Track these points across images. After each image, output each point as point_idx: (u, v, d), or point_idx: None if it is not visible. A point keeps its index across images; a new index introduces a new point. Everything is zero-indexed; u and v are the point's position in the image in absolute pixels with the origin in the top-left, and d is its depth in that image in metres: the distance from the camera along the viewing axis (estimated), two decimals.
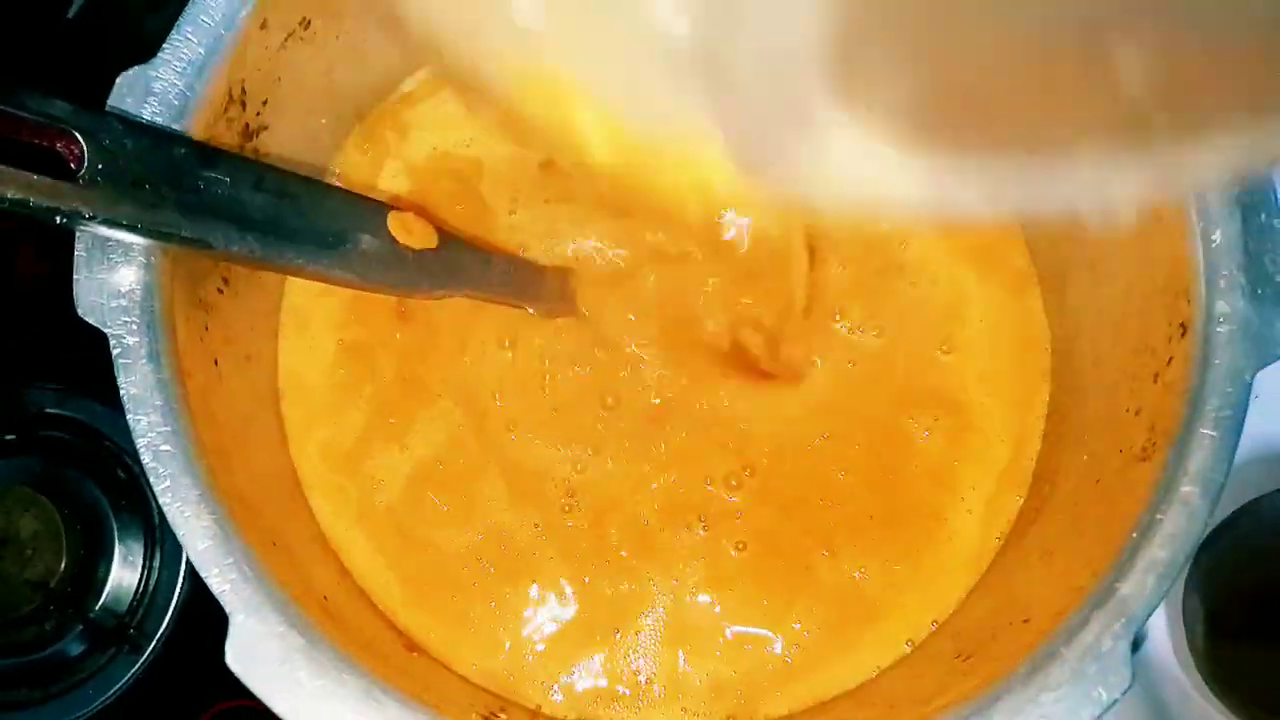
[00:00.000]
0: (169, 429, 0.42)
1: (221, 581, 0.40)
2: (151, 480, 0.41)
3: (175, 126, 0.45)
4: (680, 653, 0.54)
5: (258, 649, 0.40)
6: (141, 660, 0.66)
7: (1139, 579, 0.42)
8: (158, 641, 0.67)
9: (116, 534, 0.69)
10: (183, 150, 0.43)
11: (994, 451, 0.56)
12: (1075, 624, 0.42)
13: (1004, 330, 0.57)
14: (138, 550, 0.69)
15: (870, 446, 0.56)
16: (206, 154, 0.44)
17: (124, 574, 0.69)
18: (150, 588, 0.68)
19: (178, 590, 0.68)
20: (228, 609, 0.40)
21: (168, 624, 0.67)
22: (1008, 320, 0.58)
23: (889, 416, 0.56)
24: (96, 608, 0.67)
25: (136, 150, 0.41)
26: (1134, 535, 0.43)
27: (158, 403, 0.42)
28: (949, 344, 0.57)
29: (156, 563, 0.68)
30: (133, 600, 0.68)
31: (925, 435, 0.56)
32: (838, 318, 0.57)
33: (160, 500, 0.41)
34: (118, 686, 0.66)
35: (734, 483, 0.55)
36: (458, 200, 0.59)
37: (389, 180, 0.59)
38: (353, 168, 0.59)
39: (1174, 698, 0.64)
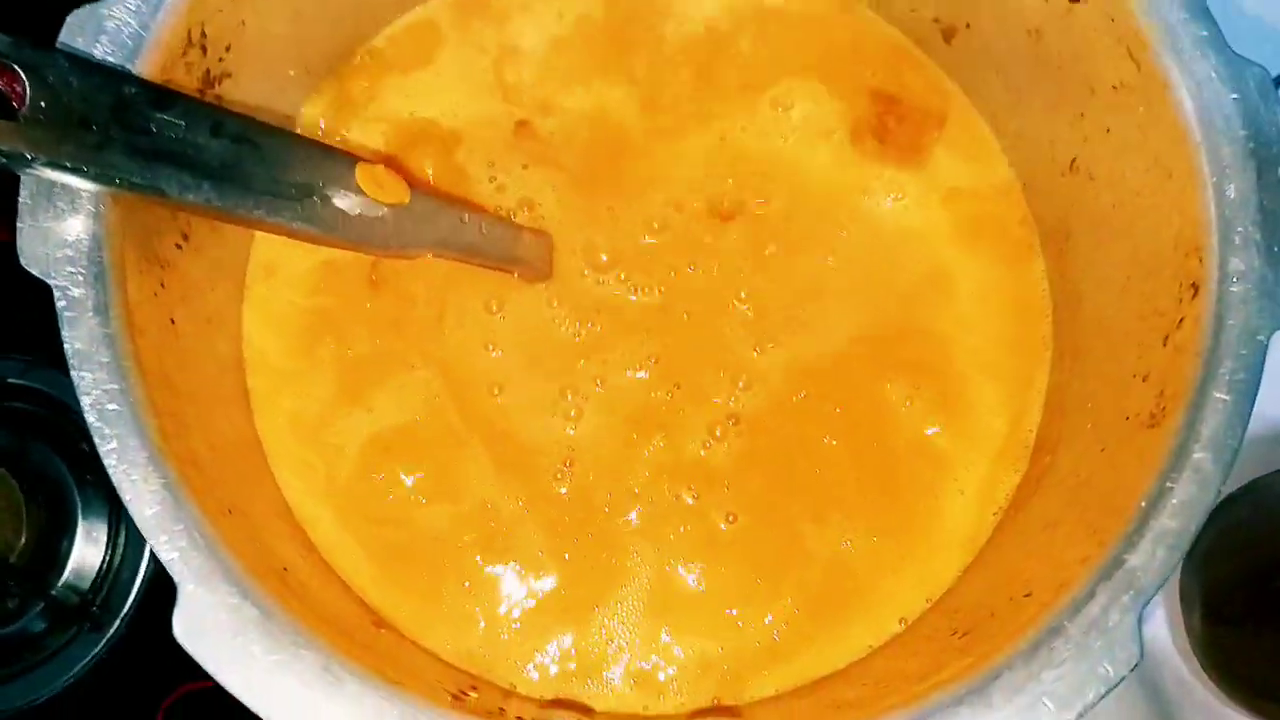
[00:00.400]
0: (116, 387, 0.39)
1: (170, 549, 0.38)
2: (96, 441, 0.39)
3: (128, 67, 0.42)
4: (663, 628, 0.51)
5: (208, 620, 0.38)
6: (105, 639, 0.64)
7: (1148, 550, 0.39)
8: (121, 620, 0.65)
9: (80, 509, 0.67)
10: (133, 90, 0.40)
11: (989, 426, 0.54)
12: (1080, 597, 0.39)
13: (997, 300, 0.56)
14: (101, 526, 0.67)
15: (850, 413, 0.54)
16: (159, 95, 0.41)
17: (87, 550, 0.66)
18: (114, 565, 0.66)
19: (142, 568, 0.66)
20: (176, 578, 0.38)
21: (132, 602, 0.65)
22: (1001, 290, 0.56)
23: (866, 382, 0.54)
24: (58, 585, 0.65)
25: (83, 89, 0.39)
26: (1143, 505, 0.40)
27: (104, 359, 0.40)
28: (931, 312, 0.55)
29: (121, 539, 0.66)
30: (96, 577, 0.66)
31: (907, 404, 0.54)
32: (818, 272, 0.55)
33: (106, 462, 0.39)
34: (80, 666, 0.64)
35: (717, 433, 0.53)
36: (432, 161, 0.56)
37: (360, 139, 0.57)
38: (320, 122, 0.56)
39: (1170, 682, 0.62)
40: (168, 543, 0.38)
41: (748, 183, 0.56)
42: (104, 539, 0.66)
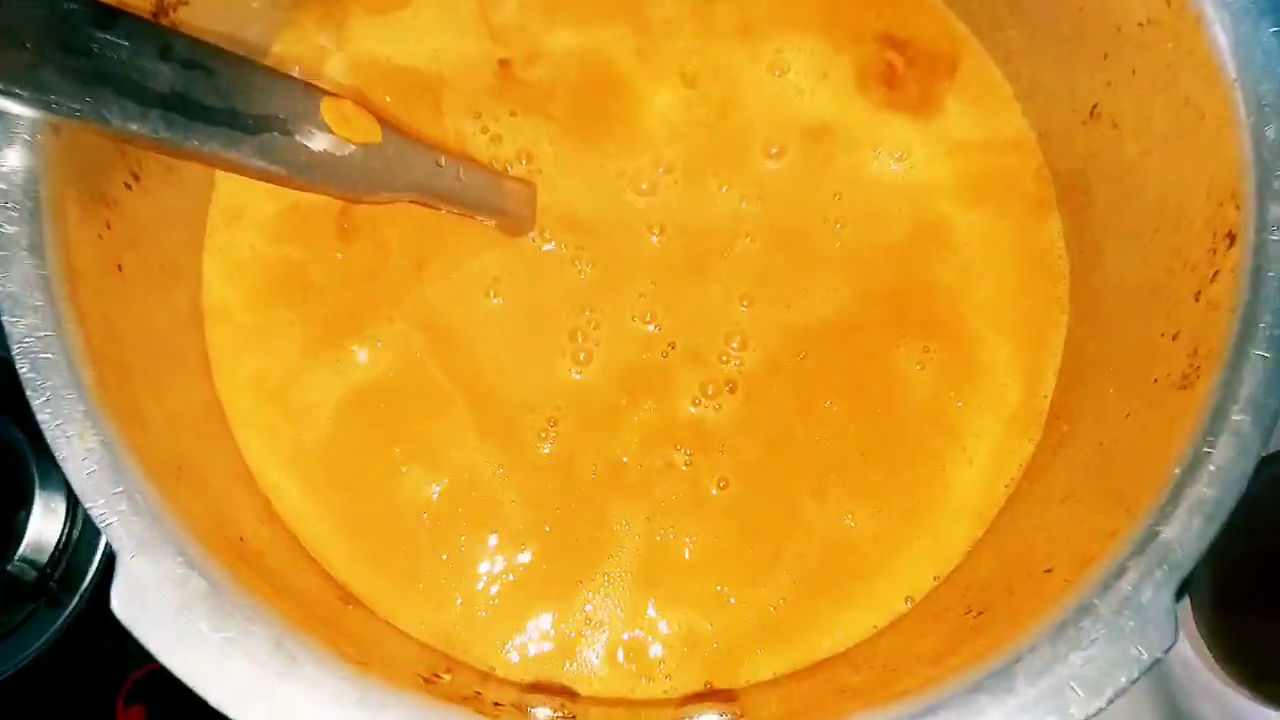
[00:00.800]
0: (50, 333, 0.36)
1: (108, 513, 0.34)
2: (28, 393, 0.35)
3: None
4: (650, 602, 0.48)
5: (150, 594, 0.34)
6: (64, 616, 0.62)
7: (1184, 520, 0.36)
8: (81, 596, 0.63)
9: (37, 480, 0.64)
10: (73, 6, 0.36)
11: (1001, 391, 0.51)
12: (1109, 573, 0.36)
13: (1010, 259, 0.52)
14: (60, 499, 0.64)
15: (855, 376, 0.51)
16: (101, 11, 0.37)
17: (45, 524, 0.64)
18: (73, 539, 0.64)
19: (103, 541, 0.63)
20: (115, 545, 0.34)
21: (92, 578, 0.63)
22: (1014, 248, 0.52)
23: (873, 344, 0.51)
24: (14, 559, 0.63)
25: (16, 3, 0.35)
26: (1176, 472, 0.37)
27: (37, 302, 0.36)
28: (941, 272, 0.52)
29: (80, 512, 0.63)
30: (54, 551, 0.63)
31: (917, 368, 0.51)
32: (814, 231, 0.52)
33: (38, 416, 0.35)
34: (38, 644, 0.61)
35: (710, 391, 0.50)
36: (409, 102, 0.53)
37: (332, 80, 0.53)
38: (289, 64, 0.52)
39: (1177, 666, 0.60)
40: (105, 506, 0.34)
41: (752, 136, 0.53)
42: (63, 511, 0.64)
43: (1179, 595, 0.35)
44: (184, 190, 0.48)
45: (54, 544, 0.63)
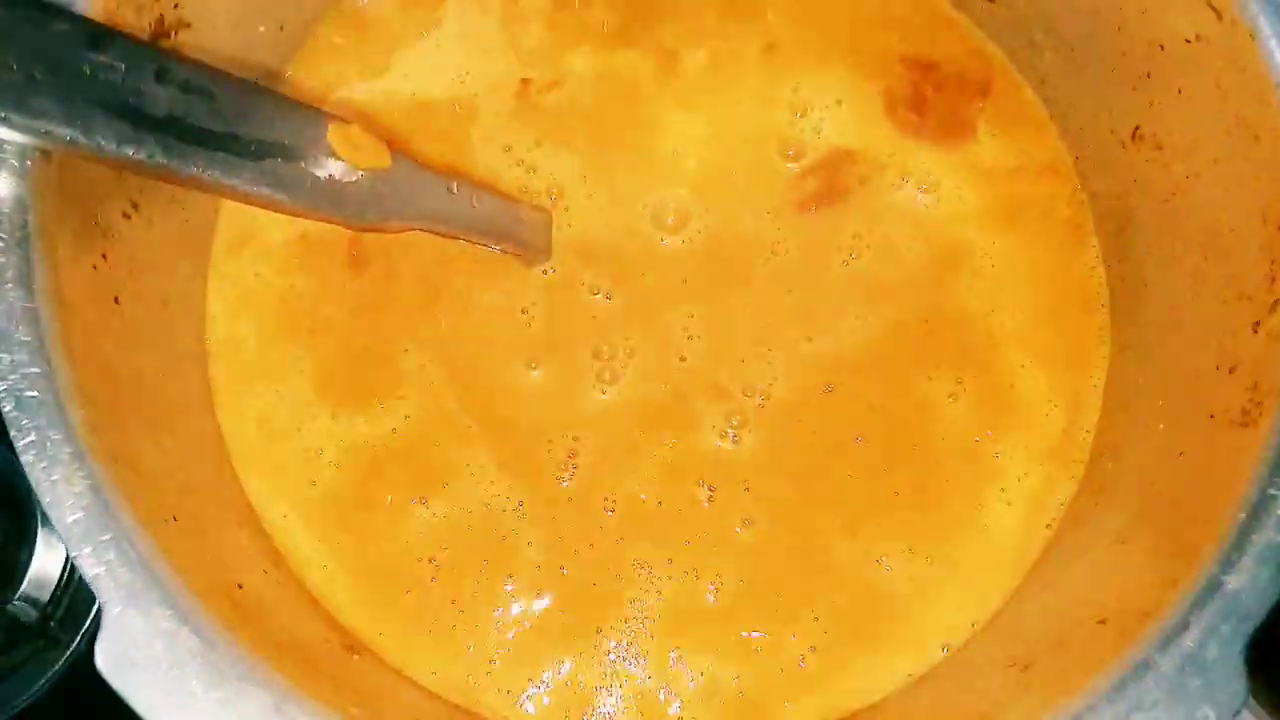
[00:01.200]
0: (37, 370, 0.34)
1: (94, 562, 0.32)
2: (12, 433, 0.33)
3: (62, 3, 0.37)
4: (672, 653, 0.46)
5: (138, 649, 0.32)
6: (65, 657, 0.59)
7: (1251, 569, 0.34)
8: (82, 637, 0.61)
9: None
10: (64, 27, 0.34)
11: (1040, 425, 0.49)
12: (1171, 627, 0.34)
13: (1046, 288, 0.50)
14: None
15: (884, 408, 0.48)
16: (96, 33, 0.35)
17: (47, 560, 0.61)
18: (75, 577, 0.61)
19: None
20: (101, 598, 0.32)
21: (94, 618, 0.60)
22: (1050, 277, 0.50)
23: (902, 376, 0.49)
24: (15, 598, 0.60)
25: (4, 23, 0.33)
26: (1240, 516, 0.35)
27: (24, 338, 0.34)
28: (974, 303, 0.50)
29: None
30: (56, 590, 0.61)
31: (949, 400, 0.48)
32: (839, 262, 0.50)
33: (22, 459, 0.33)
34: (38, 686, 0.59)
35: (736, 422, 0.48)
36: (421, 130, 0.51)
37: (347, 106, 0.51)
38: (298, 90, 0.51)
39: None
40: (92, 554, 0.32)
41: (774, 167, 0.51)
42: (65, 547, 0.61)
43: (1247, 651, 0.33)
44: (188, 218, 0.46)
45: (56, 581, 0.61)
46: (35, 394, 0.33)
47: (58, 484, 0.33)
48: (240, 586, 0.38)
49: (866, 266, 0.50)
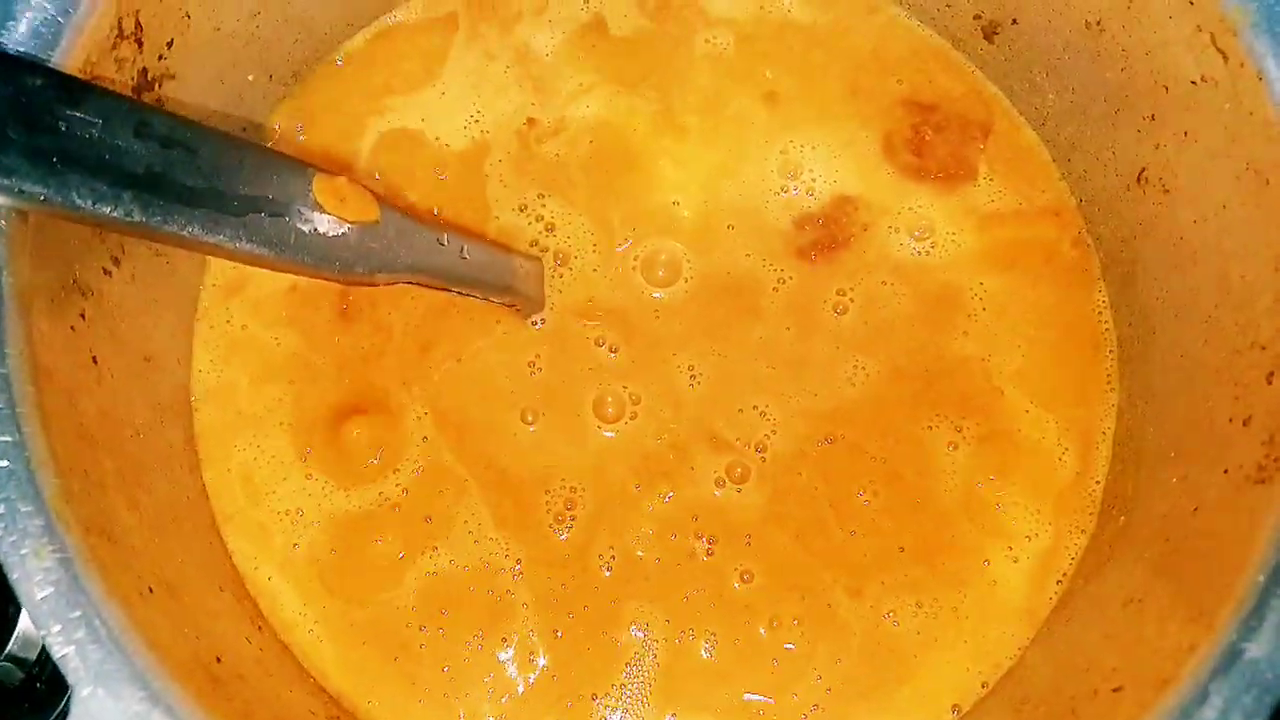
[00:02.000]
0: (8, 439, 0.32)
1: (63, 641, 0.31)
2: None
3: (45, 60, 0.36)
4: (669, 718, 0.44)
5: None
6: None
7: (1272, 636, 0.32)
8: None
9: None
10: (38, 81, 0.34)
11: (1046, 475, 0.48)
12: (1190, 698, 0.32)
13: (1049, 335, 0.49)
14: None
15: (886, 459, 0.47)
16: (71, 88, 0.34)
17: None
18: None
19: None
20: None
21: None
22: (1054, 323, 0.49)
23: (904, 425, 0.48)
24: (1, 658, 0.58)
25: None
26: (1260, 580, 0.33)
27: None
28: (976, 350, 0.49)
29: None
30: (43, 650, 0.59)
31: (950, 449, 0.47)
32: (836, 310, 0.49)
33: None
34: None
35: (738, 473, 0.47)
36: (412, 181, 0.50)
37: (331, 161, 0.50)
38: (284, 141, 0.50)
39: None
40: (60, 634, 0.31)
41: (768, 218, 0.50)
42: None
43: None
44: (173, 272, 0.45)
45: (43, 642, 0.59)
46: (5, 464, 0.32)
47: (26, 558, 0.32)
48: (219, 660, 0.36)
49: (862, 313, 0.49)
